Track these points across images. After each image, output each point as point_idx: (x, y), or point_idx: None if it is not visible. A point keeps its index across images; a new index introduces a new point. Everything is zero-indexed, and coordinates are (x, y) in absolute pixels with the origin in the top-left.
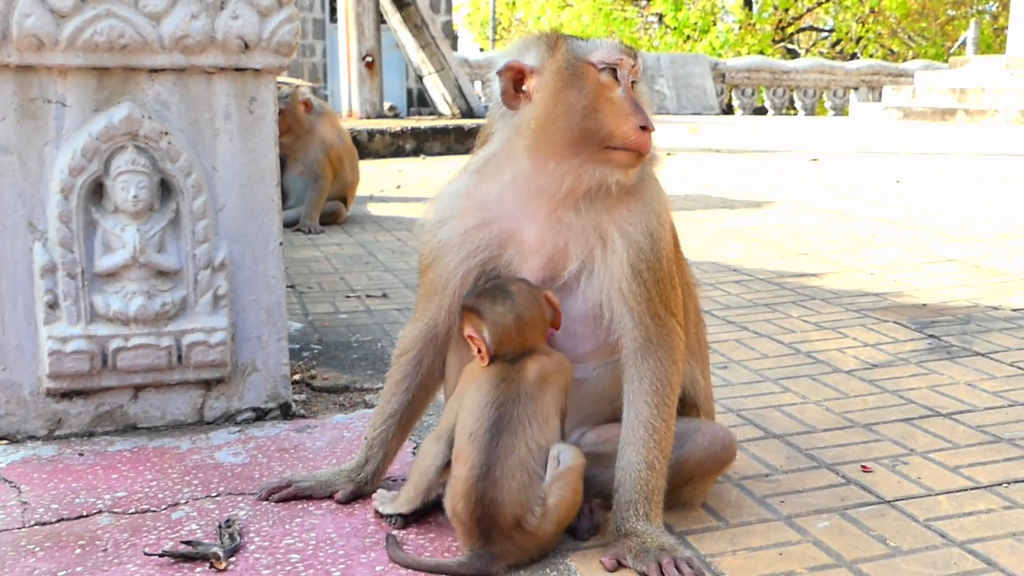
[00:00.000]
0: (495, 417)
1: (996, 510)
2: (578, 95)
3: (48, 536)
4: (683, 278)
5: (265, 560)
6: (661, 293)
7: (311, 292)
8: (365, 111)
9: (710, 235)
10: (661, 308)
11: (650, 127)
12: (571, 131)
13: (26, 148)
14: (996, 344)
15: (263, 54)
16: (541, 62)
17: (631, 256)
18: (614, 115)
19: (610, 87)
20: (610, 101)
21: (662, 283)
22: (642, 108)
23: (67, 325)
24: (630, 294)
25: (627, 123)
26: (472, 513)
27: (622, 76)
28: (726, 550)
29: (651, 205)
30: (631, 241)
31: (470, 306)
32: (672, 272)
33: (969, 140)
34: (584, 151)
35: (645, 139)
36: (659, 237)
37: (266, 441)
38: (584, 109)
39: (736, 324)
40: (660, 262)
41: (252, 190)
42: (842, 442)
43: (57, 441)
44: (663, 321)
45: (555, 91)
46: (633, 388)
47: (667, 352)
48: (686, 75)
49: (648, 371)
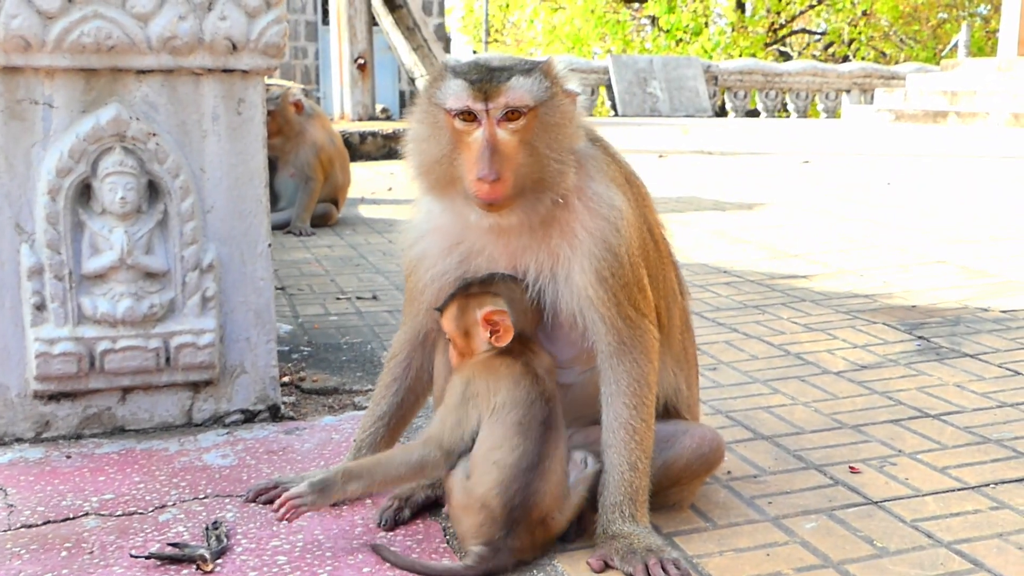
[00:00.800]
0: (547, 412)
1: (983, 511)
2: (437, 142)
3: (34, 538)
4: (667, 284)
5: (252, 562)
6: (629, 296)
7: (301, 294)
8: (357, 113)
9: (701, 236)
10: (631, 310)
11: (487, 179)
12: (439, 176)
13: (13, 149)
14: (985, 345)
15: (251, 55)
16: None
17: (592, 264)
18: (465, 163)
19: (467, 131)
20: (466, 146)
21: (628, 287)
22: (487, 156)
23: (54, 327)
24: (598, 300)
25: (470, 174)
26: (508, 501)
27: (479, 117)
28: (713, 551)
29: (601, 213)
30: (586, 252)
31: (481, 289)
32: (640, 275)
33: (960, 142)
34: (457, 193)
35: (484, 191)
36: (616, 243)
37: (254, 443)
38: (444, 156)
39: (726, 325)
40: (623, 267)
41: (240, 192)
42: (830, 443)
43: (44, 443)
44: (635, 323)
45: (418, 137)
46: (611, 390)
47: (642, 352)
48: (679, 77)
49: (624, 372)
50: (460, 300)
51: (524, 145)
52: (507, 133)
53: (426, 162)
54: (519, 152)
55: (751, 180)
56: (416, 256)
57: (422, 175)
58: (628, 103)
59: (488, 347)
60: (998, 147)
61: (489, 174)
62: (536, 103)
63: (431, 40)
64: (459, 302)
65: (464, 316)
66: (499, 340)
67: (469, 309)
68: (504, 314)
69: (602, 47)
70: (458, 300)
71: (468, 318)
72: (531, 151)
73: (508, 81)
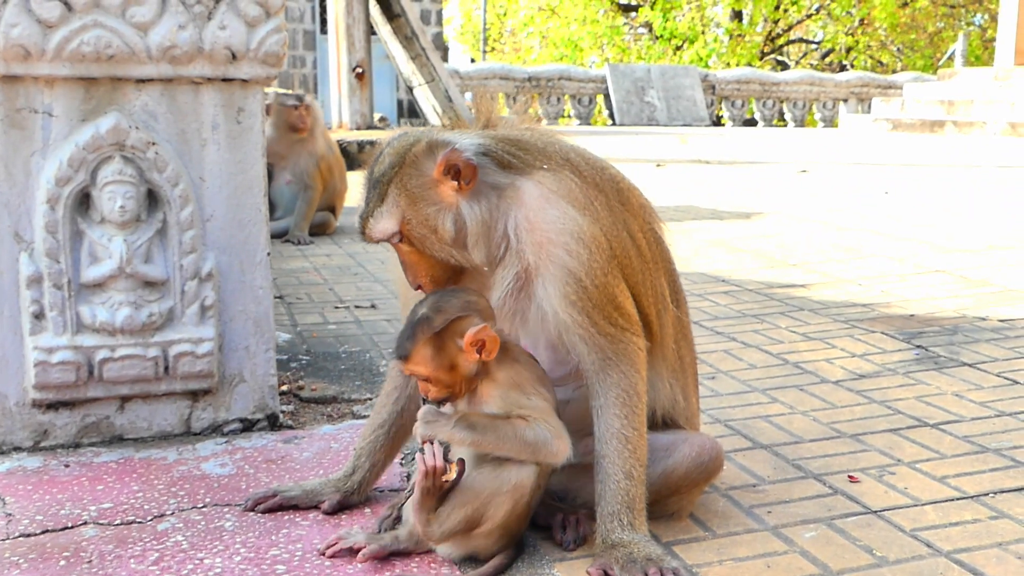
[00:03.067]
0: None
1: (982, 520)
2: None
3: (32, 548)
4: (655, 293)
5: (251, 571)
6: (605, 314)
7: (300, 303)
8: (355, 122)
9: (699, 245)
10: (609, 327)
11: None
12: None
13: (12, 158)
14: (983, 355)
15: (251, 64)
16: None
17: (558, 289)
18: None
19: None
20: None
21: (601, 306)
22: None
23: (53, 336)
24: (573, 323)
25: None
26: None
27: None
28: (713, 560)
29: (551, 239)
30: (549, 279)
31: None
32: (611, 292)
33: (958, 152)
34: None
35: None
36: (575, 267)
37: (253, 452)
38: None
39: (724, 334)
40: (588, 288)
41: (240, 200)
42: (829, 452)
43: (43, 452)
44: (616, 337)
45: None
46: (600, 403)
47: (628, 364)
48: (676, 87)
49: (613, 384)
50: (429, 341)
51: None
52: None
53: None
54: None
55: (749, 189)
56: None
57: None
58: (626, 112)
59: (477, 366)
60: (995, 157)
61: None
62: (395, 230)
63: (429, 49)
64: (427, 344)
65: (442, 352)
66: (491, 354)
67: (446, 342)
68: (486, 327)
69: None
70: (426, 342)
71: (449, 351)
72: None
73: (369, 219)
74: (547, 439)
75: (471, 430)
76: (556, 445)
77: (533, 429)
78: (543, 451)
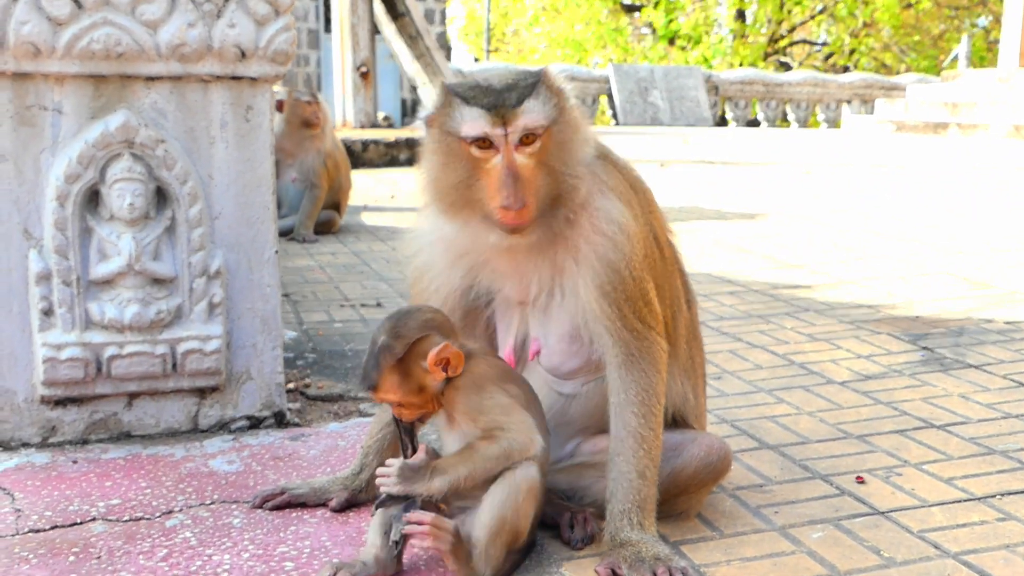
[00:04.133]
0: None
1: (990, 522)
2: (454, 169)
3: (42, 543)
4: (672, 293)
5: (259, 568)
6: (635, 309)
7: (305, 301)
8: (359, 121)
9: (704, 246)
10: (637, 323)
11: (512, 207)
12: (457, 200)
13: (22, 155)
14: (989, 356)
15: (260, 63)
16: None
17: (594, 279)
18: (486, 190)
19: (484, 158)
20: (485, 172)
21: (633, 300)
22: (509, 183)
23: (62, 332)
24: (603, 315)
25: (492, 202)
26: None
27: (498, 143)
28: (720, 560)
29: (601, 228)
30: (589, 266)
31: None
32: (645, 288)
33: (962, 154)
34: (476, 216)
35: (509, 217)
36: (616, 259)
37: (260, 449)
38: (460, 183)
39: (730, 335)
40: (626, 280)
41: (248, 198)
42: (836, 453)
43: (51, 448)
44: (642, 334)
45: (436, 163)
46: (619, 400)
47: (650, 363)
48: (680, 87)
49: (633, 383)
50: (393, 368)
51: (541, 166)
52: (524, 156)
53: (441, 188)
54: (537, 174)
55: (753, 190)
56: (421, 266)
57: (437, 200)
58: (629, 112)
59: (444, 383)
60: (1000, 159)
61: (515, 202)
62: (549, 122)
63: (433, 48)
64: (393, 371)
65: (409, 377)
66: (457, 369)
67: (411, 366)
68: (447, 344)
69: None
70: (391, 369)
71: (415, 374)
72: (547, 171)
73: (523, 104)
74: (511, 444)
75: (445, 475)
76: (523, 442)
77: (497, 443)
78: (515, 455)
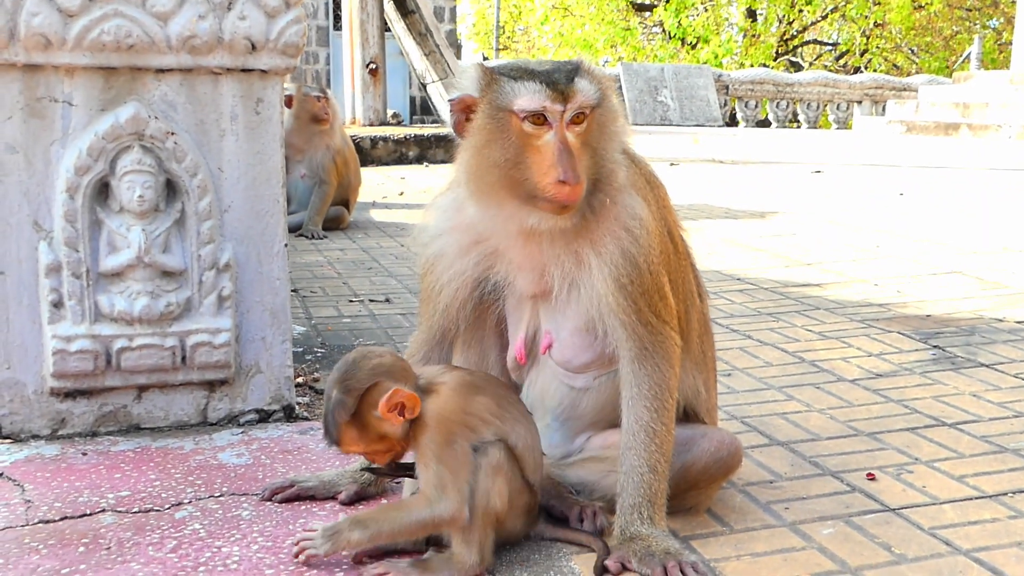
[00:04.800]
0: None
1: (1001, 519)
2: (502, 147)
3: (52, 534)
4: (686, 287)
5: (269, 560)
6: (650, 304)
7: (314, 296)
8: (368, 118)
9: (714, 244)
10: (652, 317)
11: (569, 181)
12: (500, 181)
13: (32, 147)
14: (1001, 356)
15: (270, 55)
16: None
17: (612, 272)
18: (537, 167)
19: (536, 135)
20: (536, 150)
21: (649, 295)
22: (564, 158)
23: (71, 324)
24: (619, 308)
25: (546, 177)
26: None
27: (552, 119)
28: (730, 555)
29: (624, 222)
30: (608, 260)
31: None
32: (661, 283)
33: (973, 155)
34: (517, 198)
35: (564, 193)
36: (635, 253)
37: (269, 442)
38: (508, 161)
39: (740, 332)
40: (644, 275)
41: (258, 191)
42: (846, 450)
43: (60, 440)
44: (656, 329)
45: (481, 143)
46: (632, 394)
47: (664, 358)
48: (690, 87)
49: (646, 377)
50: (349, 423)
51: (585, 147)
52: (573, 135)
53: (482, 168)
54: (583, 155)
55: (763, 189)
56: (433, 255)
57: (474, 181)
58: (639, 111)
59: (405, 426)
60: (1011, 160)
61: (572, 176)
62: (595, 104)
63: (443, 46)
64: (349, 425)
65: (366, 428)
66: (413, 411)
67: (365, 418)
68: (398, 389)
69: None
70: (347, 425)
71: (372, 424)
72: (591, 153)
73: (575, 82)
74: (440, 514)
75: (367, 529)
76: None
77: (428, 508)
78: (441, 526)
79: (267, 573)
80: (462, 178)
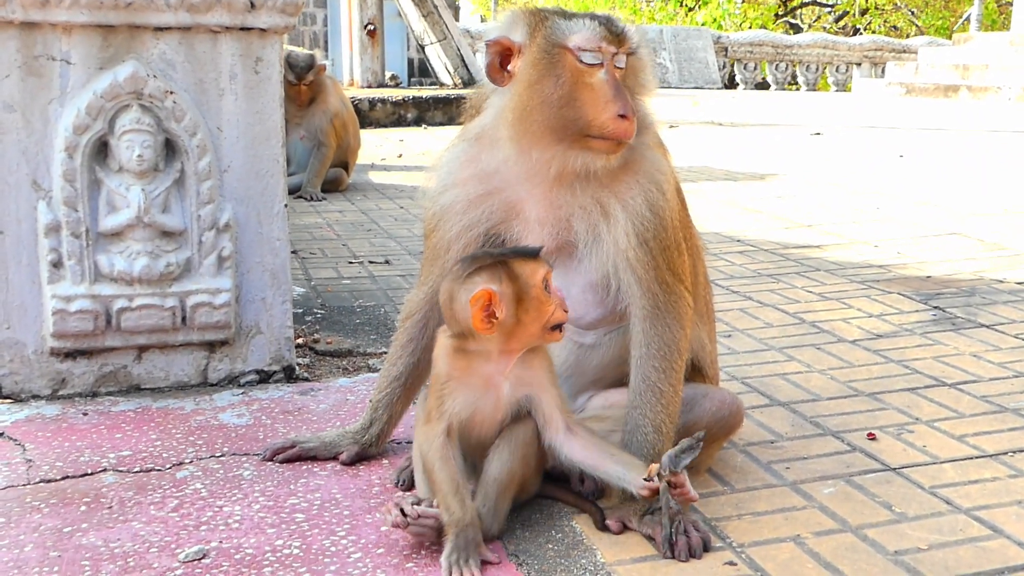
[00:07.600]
0: None
1: (1001, 478)
2: (555, 84)
3: (53, 493)
4: (692, 242)
5: (271, 519)
6: (668, 261)
7: (314, 258)
8: (366, 80)
9: (714, 206)
10: (669, 275)
11: (629, 115)
12: (549, 120)
13: (30, 106)
14: (1001, 316)
15: (269, 13)
16: (524, 42)
17: (635, 226)
18: (592, 103)
19: (589, 73)
20: (589, 88)
21: (669, 251)
22: (622, 94)
23: (71, 284)
24: (637, 263)
25: (605, 112)
26: None
27: (604, 59)
28: (732, 514)
29: (651, 175)
30: (633, 212)
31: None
32: (679, 239)
33: (972, 117)
34: (565, 139)
35: (623, 127)
36: (661, 207)
37: (270, 403)
38: (561, 99)
39: (740, 294)
40: (666, 230)
41: (257, 151)
42: (847, 410)
43: (61, 400)
44: (671, 288)
45: (533, 79)
46: (641, 353)
47: (675, 318)
48: (688, 48)
49: (656, 336)
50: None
51: (627, 90)
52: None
53: (531, 105)
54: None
55: (762, 151)
56: (441, 209)
57: (519, 120)
58: None
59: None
60: (1011, 122)
61: (630, 110)
62: (638, 49)
63: (441, 7)
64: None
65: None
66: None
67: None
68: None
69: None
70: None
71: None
72: (632, 97)
73: (627, 28)
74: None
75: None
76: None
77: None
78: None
79: (269, 532)
80: (501, 121)
